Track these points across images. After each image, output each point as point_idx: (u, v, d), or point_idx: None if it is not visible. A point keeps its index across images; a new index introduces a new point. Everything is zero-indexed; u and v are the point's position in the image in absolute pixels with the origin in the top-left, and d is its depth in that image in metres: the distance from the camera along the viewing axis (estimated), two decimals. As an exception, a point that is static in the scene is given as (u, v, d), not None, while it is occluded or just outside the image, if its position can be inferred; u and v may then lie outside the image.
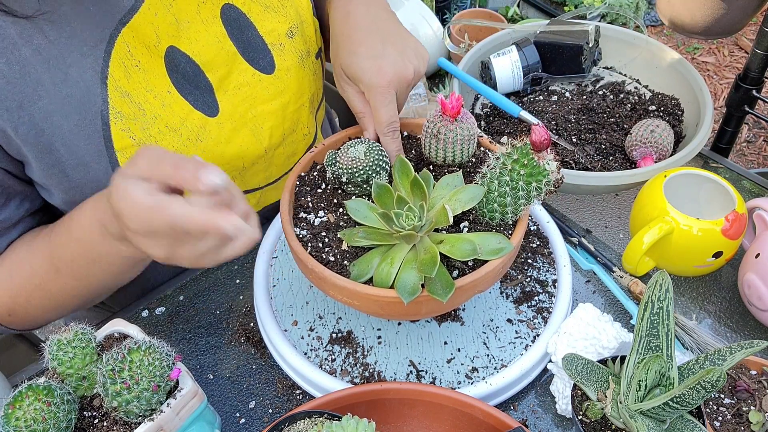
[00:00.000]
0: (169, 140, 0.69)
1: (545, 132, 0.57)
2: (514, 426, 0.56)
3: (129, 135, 0.66)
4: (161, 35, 0.67)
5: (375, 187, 0.64)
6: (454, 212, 0.61)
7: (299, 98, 0.79)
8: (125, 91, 0.65)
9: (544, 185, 0.59)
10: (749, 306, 0.74)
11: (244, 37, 0.73)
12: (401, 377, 0.68)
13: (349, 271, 0.61)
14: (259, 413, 0.69)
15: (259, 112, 0.75)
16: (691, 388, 0.51)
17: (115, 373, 0.52)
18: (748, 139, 2.36)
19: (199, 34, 0.70)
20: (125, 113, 0.65)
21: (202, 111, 0.71)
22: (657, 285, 0.58)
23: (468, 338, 0.71)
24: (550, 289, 0.74)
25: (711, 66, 2.64)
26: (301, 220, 0.67)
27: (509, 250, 0.60)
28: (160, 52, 0.67)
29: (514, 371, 0.66)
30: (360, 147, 0.66)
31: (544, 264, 0.77)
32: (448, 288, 0.57)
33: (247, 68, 0.74)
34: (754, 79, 1.14)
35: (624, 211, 0.90)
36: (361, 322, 0.73)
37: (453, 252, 0.59)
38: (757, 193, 0.91)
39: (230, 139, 0.73)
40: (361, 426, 0.50)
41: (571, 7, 2.49)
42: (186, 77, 0.69)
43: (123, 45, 0.64)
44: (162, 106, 0.68)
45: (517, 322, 0.72)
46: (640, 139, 0.86)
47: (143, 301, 0.81)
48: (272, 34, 0.75)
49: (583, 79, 1.02)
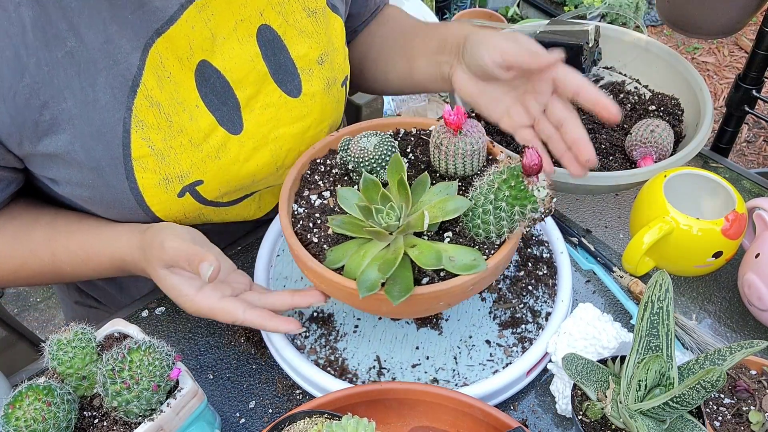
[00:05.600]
0: (188, 154, 0.68)
1: (537, 156, 0.55)
2: (514, 426, 0.56)
3: (148, 144, 0.66)
4: (195, 48, 0.67)
5: (363, 180, 0.65)
6: (435, 220, 0.61)
7: (320, 123, 0.79)
8: (156, 101, 0.65)
9: (528, 211, 0.57)
10: (749, 306, 0.74)
11: (277, 60, 0.73)
12: (363, 370, 0.68)
13: (326, 255, 0.62)
14: (259, 413, 0.69)
15: (281, 134, 0.75)
16: (691, 388, 0.51)
17: (115, 373, 0.52)
18: (748, 139, 2.36)
19: (233, 51, 0.69)
20: (148, 122, 0.65)
21: (226, 128, 0.70)
22: (657, 285, 0.58)
23: (441, 349, 0.70)
24: (541, 321, 0.71)
25: (711, 66, 2.64)
26: (303, 198, 0.68)
27: (481, 269, 0.58)
28: (192, 65, 0.67)
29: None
30: (372, 139, 0.66)
31: (543, 294, 0.74)
32: (403, 292, 0.57)
33: (275, 89, 0.74)
34: (754, 79, 1.14)
35: (624, 211, 0.90)
36: (345, 308, 0.73)
37: (419, 258, 0.59)
38: (757, 193, 0.91)
39: (249, 158, 0.73)
40: (361, 426, 0.50)
41: (571, 7, 2.49)
42: (215, 92, 0.69)
43: (156, 55, 0.64)
44: (189, 120, 0.67)
45: (495, 346, 0.70)
46: (640, 139, 0.86)
47: (143, 301, 0.81)
48: (303, 59, 0.75)
49: (583, 79, 1.02)
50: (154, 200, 0.69)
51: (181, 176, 0.69)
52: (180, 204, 0.71)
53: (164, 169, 0.67)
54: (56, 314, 1.94)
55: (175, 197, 0.70)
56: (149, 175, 0.67)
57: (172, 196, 0.69)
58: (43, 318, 1.94)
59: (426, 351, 0.70)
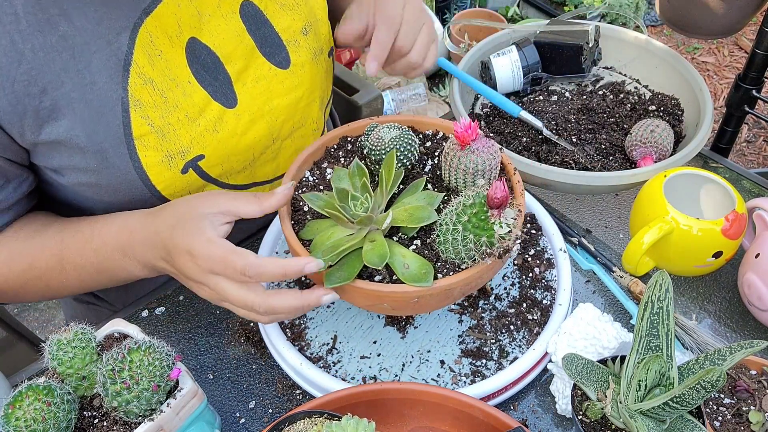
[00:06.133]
0: (187, 129, 0.70)
1: (503, 190, 0.53)
2: (514, 426, 0.56)
3: (148, 122, 0.67)
4: (183, 26, 0.69)
5: (353, 165, 0.67)
6: (401, 223, 0.62)
7: (311, 93, 0.82)
8: (149, 78, 0.67)
9: (483, 243, 0.56)
10: (749, 306, 0.74)
11: (261, 33, 0.75)
12: (317, 343, 0.71)
13: (305, 225, 0.65)
14: (259, 413, 0.69)
15: (275, 105, 0.77)
16: (691, 388, 0.51)
17: (115, 373, 0.52)
18: (748, 139, 2.36)
19: (220, 28, 0.72)
20: (144, 101, 0.67)
21: (220, 102, 0.72)
22: (657, 285, 0.58)
23: (395, 352, 0.70)
24: (504, 363, 0.68)
25: (711, 66, 2.64)
26: (319, 169, 0.72)
27: (425, 284, 0.58)
28: (182, 43, 0.69)
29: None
30: (393, 132, 0.67)
31: (521, 339, 0.70)
32: (341, 280, 0.59)
33: (264, 62, 0.76)
34: (754, 79, 1.14)
35: (624, 211, 0.90)
36: None
37: (366, 253, 0.60)
38: (757, 193, 0.91)
39: (247, 130, 0.75)
40: (361, 426, 0.50)
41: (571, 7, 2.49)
42: (206, 68, 0.71)
43: (146, 34, 0.66)
44: (183, 95, 0.69)
45: (447, 368, 0.68)
46: (640, 139, 0.86)
47: (143, 301, 0.81)
48: (288, 31, 0.77)
49: (583, 79, 1.02)
50: (159, 178, 0.70)
51: (183, 152, 0.70)
52: (184, 181, 0.72)
53: (165, 146, 0.69)
54: (56, 314, 1.94)
55: (178, 174, 0.71)
56: (151, 153, 0.68)
57: (175, 172, 0.70)
58: (43, 318, 1.94)
59: (381, 348, 0.70)
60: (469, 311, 0.73)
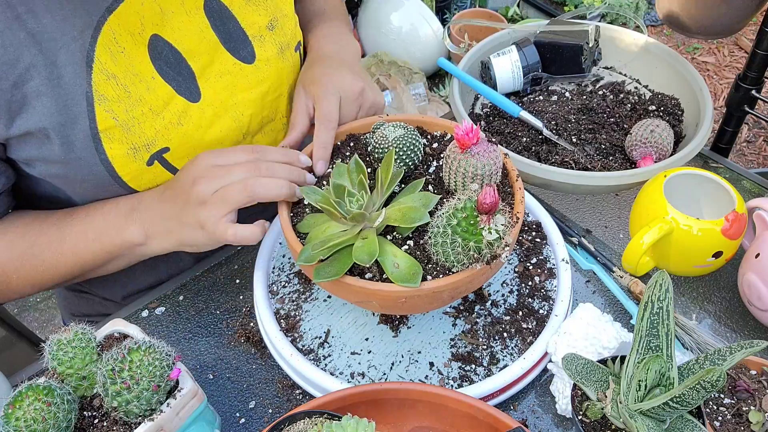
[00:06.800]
0: (151, 123, 0.71)
1: (493, 195, 0.52)
2: (514, 426, 0.56)
3: (112, 116, 0.69)
4: (146, 24, 0.70)
5: (352, 161, 0.67)
6: (394, 223, 0.62)
7: (278, 88, 0.83)
8: (112, 74, 0.68)
9: (471, 248, 0.55)
10: (749, 306, 0.74)
11: (226, 28, 0.77)
12: (309, 336, 0.71)
13: (304, 217, 0.66)
14: (259, 413, 0.69)
15: (240, 99, 0.79)
16: (691, 388, 0.51)
17: (115, 373, 0.52)
18: (748, 139, 2.36)
19: (183, 24, 0.73)
20: (109, 95, 0.68)
21: (184, 96, 0.74)
22: (657, 285, 0.58)
23: (385, 351, 0.70)
24: (493, 369, 0.67)
25: (711, 66, 2.64)
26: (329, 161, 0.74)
27: (412, 285, 0.58)
28: (144, 40, 0.70)
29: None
30: (398, 131, 0.68)
31: (513, 347, 0.69)
32: (329, 275, 0.59)
33: (228, 58, 0.77)
34: (754, 79, 1.14)
35: (624, 211, 0.90)
36: None
37: (356, 250, 0.60)
38: (757, 193, 0.91)
39: (211, 124, 0.76)
40: (361, 426, 0.50)
41: (571, 7, 2.49)
42: (169, 64, 0.72)
43: (109, 32, 0.67)
44: (147, 90, 0.71)
45: (436, 371, 0.68)
46: (640, 139, 0.86)
47: (143, 301, 0.81)
48: (253, 27, 0.79)
49: (583, 79, 1.02)
50: (124, 170, 0.71)
51: (148, 144, 0.71)
52: (151, 173, 0.73)
53: (131, 138, 0.70)
54: (56, 314, 1.94)
55: (144, 166, 0.72)
56: (117, 146, 0.70)
57: (141, 164, 0.72)
58: (43, 318, 1.94)
59: (372, 346, 0.70)
60: (464, 315, 0.72)
